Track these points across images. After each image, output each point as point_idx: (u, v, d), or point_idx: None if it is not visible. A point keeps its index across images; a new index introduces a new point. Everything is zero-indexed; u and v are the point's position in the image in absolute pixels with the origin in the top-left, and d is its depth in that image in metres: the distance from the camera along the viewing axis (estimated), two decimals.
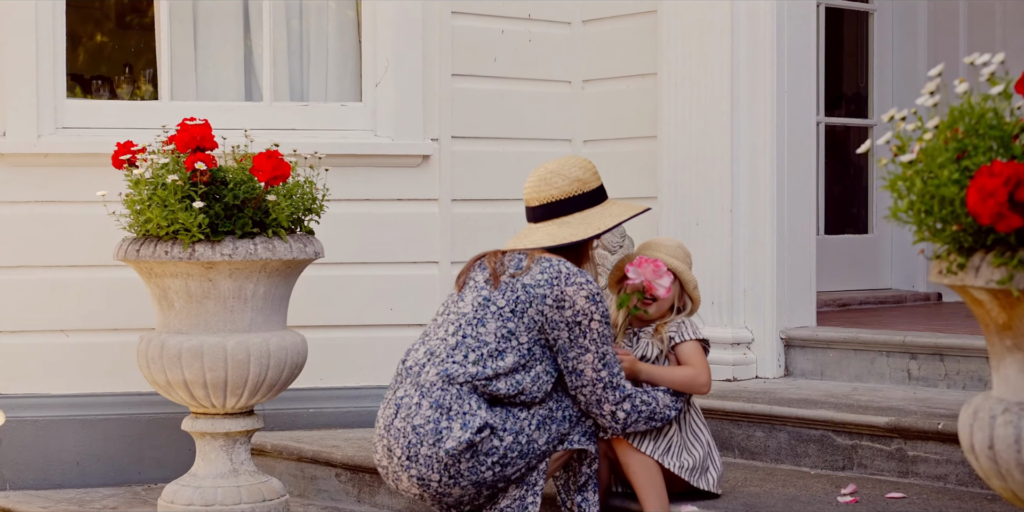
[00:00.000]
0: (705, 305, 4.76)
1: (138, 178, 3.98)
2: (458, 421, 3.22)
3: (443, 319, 3.39)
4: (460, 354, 3.28)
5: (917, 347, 4.40)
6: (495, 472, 3.26)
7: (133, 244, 4.02)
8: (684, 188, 4.83)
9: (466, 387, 3.26)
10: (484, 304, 3.31)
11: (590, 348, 3.31)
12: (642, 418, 3.38)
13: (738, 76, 4.73)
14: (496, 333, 3.28)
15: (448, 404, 3.24)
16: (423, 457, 3.23)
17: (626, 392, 3.35)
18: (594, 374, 3.32)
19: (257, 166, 3.91)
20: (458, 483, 3.24)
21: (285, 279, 4.11)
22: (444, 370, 3.27)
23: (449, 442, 3.20)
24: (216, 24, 5.07)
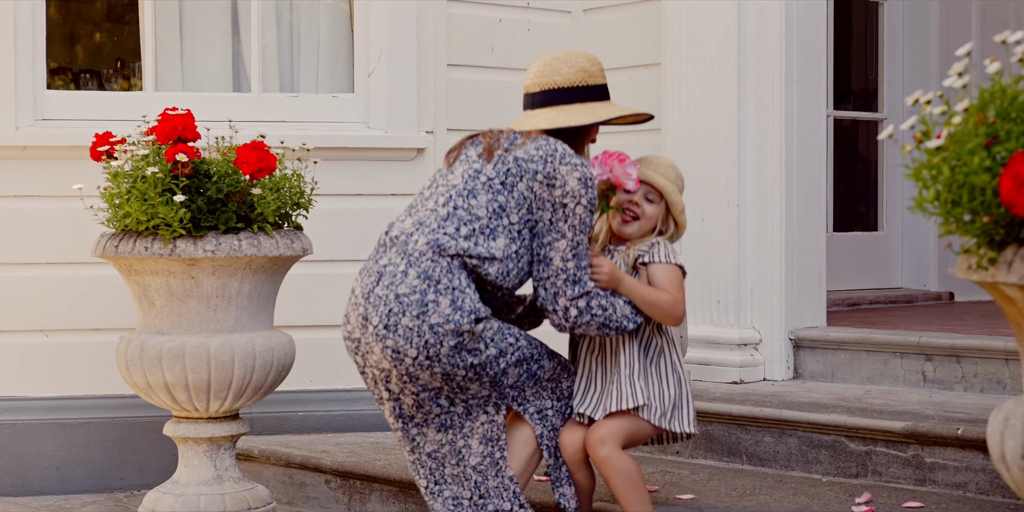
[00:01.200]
0: (711, 304, 4.58)
1: (117, 171, 3.79)
2: (447, 297, 3.04)
3: (431, 192, 3.21)
4: (452, 226, 3.11)
5: (932, 348, 4.21)
6: (467, 374, 3.07)
7: (112, 240, 3.84)
8: (689, 182, 4.61)
9: (456, 261, 3.08)
10: (475, 176, 3.16)
11: (566, 234, 3.13)
12: (595, 321, 3.17)
13: (745, 66, 4.54)
14: (487, 206, 3.11)
15: (437, 276, 3.05)
16: (403, 327, 3.03)
17: (586, 289, 3.15)
18: (561, 263, 3.13)
19: (241, 158, 3.73)
20: (431, 368, 3.04)
21: (271, 277, 3.92)
22: (435, 240, 3.09)
23: (434, 317, 3.02)
24: (203, 11, 4.89)
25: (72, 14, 7.47)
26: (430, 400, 3.10)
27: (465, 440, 3.14)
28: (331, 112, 4.81)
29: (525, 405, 3.20)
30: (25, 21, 4.54)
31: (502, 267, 3.10)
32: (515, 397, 3.18)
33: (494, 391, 3.14)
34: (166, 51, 4.83)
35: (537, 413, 3.22)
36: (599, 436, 3.22)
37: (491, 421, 3.15)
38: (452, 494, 3.16)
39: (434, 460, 3.15)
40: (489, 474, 3.15)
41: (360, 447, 4.41)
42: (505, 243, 3.09)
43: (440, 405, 3.11)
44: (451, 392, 3.10)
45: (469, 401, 3.13)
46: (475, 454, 3.14)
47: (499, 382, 3.13)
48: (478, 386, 3.11)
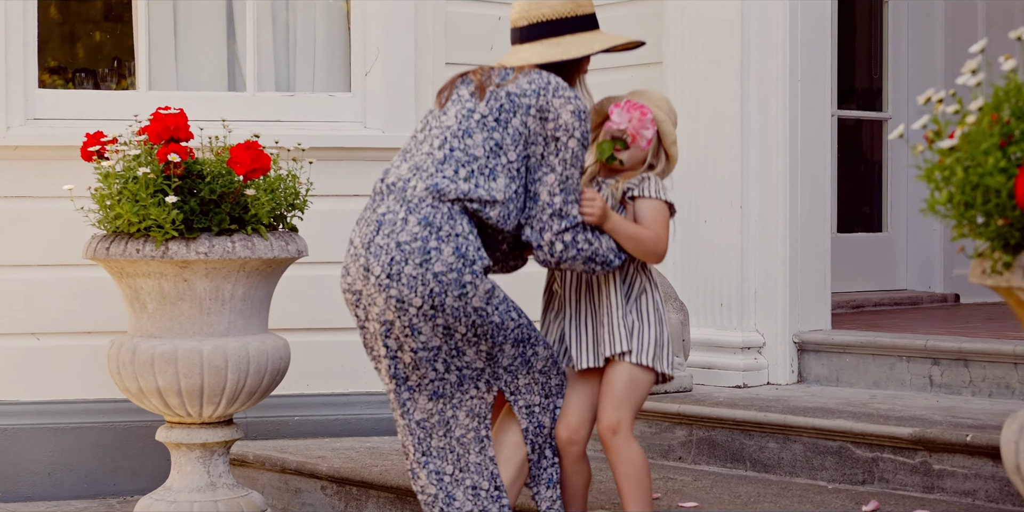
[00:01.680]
0: (713, 306, 4.50)
1: (108, 171, 3.72)
2: (449, 244, 2.95)
3: (425, 135, 3.12)
4: (450, 169, 3.02)
5: (939, 352, 4.13)
6: (467, 334, 2.98)
7: (103, 242, 3.76)
8: (691, 182, 4.56)
9: (457, 206, 2.99)
10: (468, 115, 3.06)
11: (556, 168, 3.04)
12: (581, 256, 3.07)
13: (748, 64, 4.47)
14: (484, 145, 3.02)
15: (439, 223, 2.97)
16: (407, 276, 2.94)
17: (573, 222, 3.05)
18: (548, 198, 3.04)
19: (235, 158, 3.65)
20: (434, 319, 2.95)
21: (266, 279, 3.85)
22: (434, 185, 3.00)
23: (438, 265, 2.93)
24: (198, 10, 4.81)
25: (66, 12, 7.40)
26: (427, 361, 3.01)
27: (454, 411, 3.07)
28: (328, 111, 4.73)
29: (516, 395, 3.12)
30: (16, 20, 4.47)
31: (503, 210, 3.01)
32: (508, 382, 3.10)
33: (488, 366, 3.06)
34: (160, 49, 4.75)
35: (526, 408, 3.14)
36: (611, 423, 3.14)
37: (480, 397, 3.08)
38: (436, 468, 3.08)
39: (423, 429, 3.08)
40: (472, 448, 3.08)
41: (357, 452, 4.33)
42: (505, 183, 3.01)
43: (435, 369, 3.02)
44: (448, 355, 3.01)
45: (463, 370, 3.04)
46: (461, 426, 3.07)
47: (495, 357, 3.05)
48: (474, 353, 3.03)
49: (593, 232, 3.09)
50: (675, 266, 4.59)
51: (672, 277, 4.59)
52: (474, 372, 3.06)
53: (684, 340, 4.33)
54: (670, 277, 4.59)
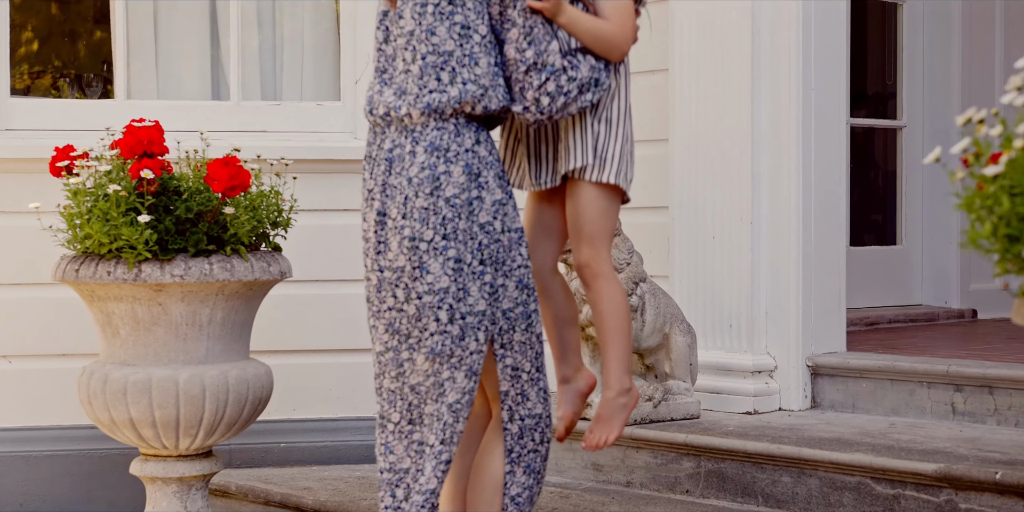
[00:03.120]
0: (722, 328, 4.27)
1: (77, 188, 3.49)
2: (459, 163, 2.78)
3: (393, 47, 2.89)
4: (432, 79, 2.79)
5: (962, 378, 3.90)
6: (473, 260, 2.78)
7: (72, 263, 3.53)
8: (699, 197, 4.33)
9: (461, 118, 2.80)
10: (422, 10, 2.82)
11: (516, 21, 2.81)
12: (570, 99, 2.85)
13: (759, 72, 4.23)
14: (451, 35, 2.79)
15: (446, 144, 2.79)
16: (419, 210, 2.77)
17: (552, 70, 2.82)
18: (517, 55, 2.81)
19: (212, 174, 3.42)
20: (445, 251, 2.76)
21: (247, 302, 3.62)
22: (426, 105, 2.80)
23: (449, 189, 2.76)
24: (180, 13, 4.58)
25: (43, 18, 7.16)
26: (431, 308, 2.79)
27: (452, 372, 2.84)
28: (316, 121, 4.50)
29: (506, 351, 2.88)
30: None
31: (498, 92, 2.81)
32: (503, 330, 2.86)
33: (490, 308, 2.84)
34: (139, 56, 4.52)
35: (512, 369, 2.91)
36: (589, 262, 2.92)
37: (479, 351, 2.85)
38: (419, 439, 2.85)
39: (416, 394, 2.86)
40: (461, 416, 2.84)
41: (346, 483, 4.10)
42: (487, 62, 2.81)
43: (438, 319, 2.80)
44: (454, 298, 2.79)
45: (466, 317, 2.82)
46: (456, 389, 2.83)
47: (497, 295, 2.84)
48: (477, 290, 2.81)
49: (567, 60, 2.85)
50: (681, 284, 4.36)
51: (678, 296, 4.35)
52: (476, 317, 2.83)
53: (692, 364, 4.10)
54: (676, 296, 4.35)
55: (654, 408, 4.00)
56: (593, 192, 2.94)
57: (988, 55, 5.77)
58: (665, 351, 4.08)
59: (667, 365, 4.09)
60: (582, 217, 2.93)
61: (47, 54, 7.18)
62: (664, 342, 4.08)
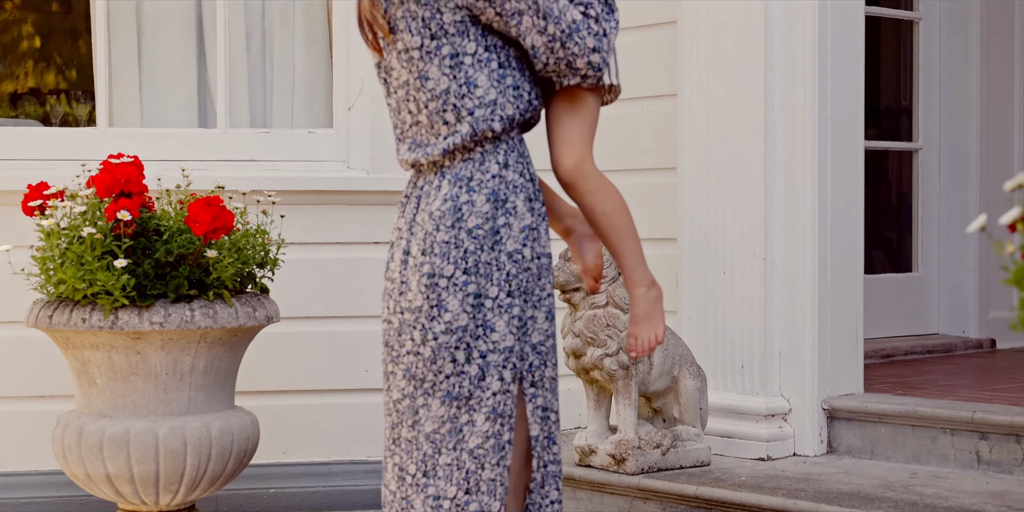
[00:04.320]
0: (734, 369, 4.06)
1: (51, 229, 3.28)
2: (483, 192, 2.55)
3: (396, 100, 2.66)
4: (440, 126, 2.58)
5: (989, 426, 3.69)
6: (499, 293, 2.56)
7: (45, 309, 3.33)
8: (709, 230, 4.12)
9: (487, 144, 2.58)
10: (408, 59, 2.58)
11: (520, 7, 2.54)
12: (613, 35, 2.63)
13: (772, 99, 4.03)
14: (441, 71, 2.56)
15: (468, 173, 2.57)
16: (439, 244, 2.55)
17: (579, 25, 2.57)
18: (544, 39, 2.56)
19: (193, 216, 3.21)
20: (465, 287, 2.54)
21: (231, 349, 3.41)
22: (444, 150, 2.58)
23: (472, 220, 2.55)
24: (165, 37, 4.37)
25: (21, 39, 6.94)
26: (446, 349, 2.58)
27: (470, 415, 2.61)
28: (307, 149, 4.29)
29: (537, 389, 2.65)
30: None
31: (509, 103, 2.58)
32: (534, 367, 2.64)
33: (517, 343, 2.62)
34: (122, 81, 4.31)
35: (542, 410, 2.67)
36: (575, 163, 2.63)
37: (505, 391, 2.61)
38: (437, 492, 2.62)
39: (431, 443, 2.62)
40: (487, 461, 2.61)
41: None
42: (486, 77, 2.57)
43: (455, 361, 2.59)
44: (472, 336, 2.58)
45: (487, 355, 2.60)
46: (477, 433, 2.60)
47: (527, 328, 2.62)
48: (505, 325, 2.59)
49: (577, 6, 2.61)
50: (690, 321, 4.15)
51: (687, 333, 4.15)
52: (500, 355, 2.61)
53: (702, 408, 3.89)
54: (684, 333, 4.15)
55: (662, 455, 3.80)
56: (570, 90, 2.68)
57: (1007, 75, 5.56)
58: (674, 395, 3.88)
59: (676, 409, 3.89)
60: (561, 119, 2.66)
61: (24, 73, 6.96)
62: (673, 385, 3.88)
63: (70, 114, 6.61)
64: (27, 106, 6.72)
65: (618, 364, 3.75)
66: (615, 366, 3.75)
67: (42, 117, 6.59)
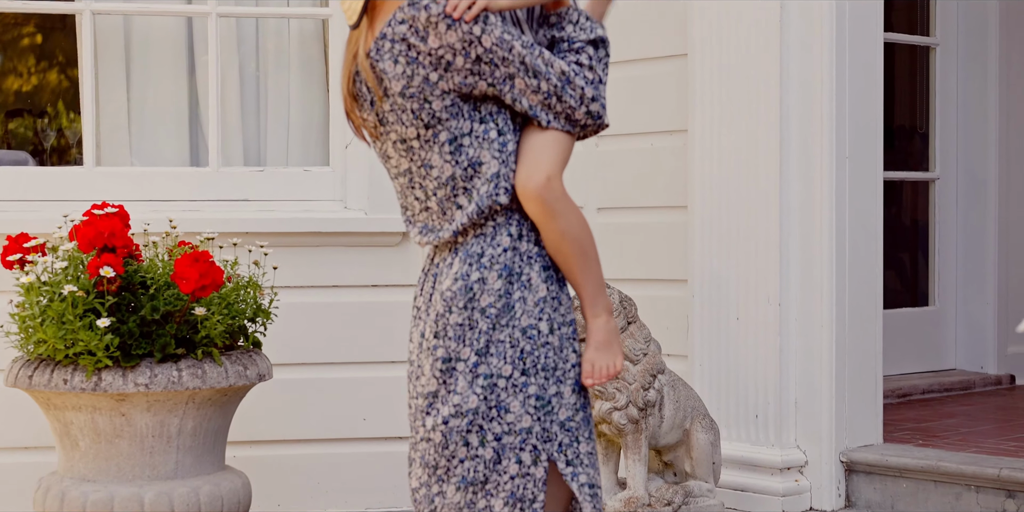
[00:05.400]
0: (747, 419, 3.89)
1: (30, 284, 3.11)
2: (494, 269, 2.43)
3: (400, 184, 2.52)
4: (452, 210, 2.45)
5: (1016, 484, 3.53)
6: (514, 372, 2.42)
7: (25, 368, 3.16)
8: (721, 272, 3.96)
9: (489, 223, 2.44)
10: (406, 148, 2.44)
11: (510, 71, 2.39)
12: (605, 78, 2.49)
13: (788, 134, 3.86)
14: (443, 158, 2.42)
15: (480, 250, 2.44)
16: (452, 327, 2.42)
17: (570, 75, 2.42)
18: (539, 97, 2.41)
19: (180, 273, 3.05)
20: (476, 368, 2.40)
21: (221, 409, 3.25)
22: (456, 230, 2.45)
23: (485, 299, 2.42)
24: (155, 72, 4.20)
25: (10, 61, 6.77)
26: (458, 433, 2.43)
27: (487, 500, 2.45)
28: (303, 189, 4.12)
29: (576, 467, 2.48)
30: None
31: (511, 163, 2.43)
32: (565, 445, 2.47)
33: (537, 423, 2.45)
34: (110, 118, 4.15)
35: (588, 487, 2.50)
36: (543, 177, 2.42)
37: (524, 474, 2.45)
38: None
39: None
40: None
41: None
42: (489, 153, 2.42)
43: (467, 444, 2.44)
44: (485, 418, 2.43)
45: (502, 438, 2.44)
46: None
47: (549, 407, 2.45)
48: (520, 404, 2.43)
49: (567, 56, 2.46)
50: (701, 368, 3.99)
51: (698, 381, 3.98)
52: (517, 437, 2.45)
53: (715, 463, 3.72)
54: (695, 381, 3.99)
55: None
56: None
57: None
58: (685, 448, 3.71)
59: (687, 464, 3.72)
60: (528, 145, 2.47)
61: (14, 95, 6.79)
62: (685, 439, 3.71)
63: (62, 138, 6.45)
64: (17, 129, 6.55)
65: (627, 418, 3.58)
66: (624, 420, 3.58)
67: (32, 142, 6.43)
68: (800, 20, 3.85)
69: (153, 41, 4.19)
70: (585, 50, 2.49)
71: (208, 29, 4.08)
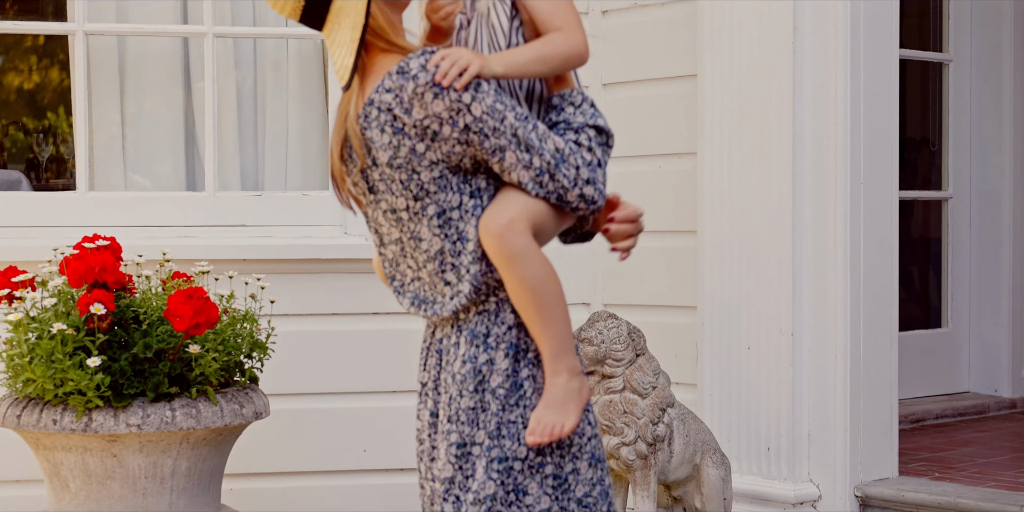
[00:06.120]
0: (759, 452, 3.78)
1: (18, 321, 3.00)
2: (500, 349, 2.34)
3: (392, 252, 2.40)
4: (442, 286, 2.34)
5: None
6: (529, 453, 2.32)
7: (13, 407, 3.06)
8: (732, 300, 3.85)
9: (491, 299, 2.33)
10: (397, 219, 2.32)
11: (501, 144, 2.27)
12: (605, 163, 2.36)
13: (801, 157, 3.76)
14: (431, 231, 2.30)
15: (485, 328, 2.35)
16: (465, 412, 2.32)
17: (565, 155, 2.29)
18: (531, 173, 2.28)
19: (173, 310, 2.94)
20: (489, 451, 2.30)
21: (216, 448, 3.14)
22: (453, 311, 2.34)
23: (495, 379, 2.33)
24: (150, 94, 4.09)
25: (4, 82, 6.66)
26: None
27: None
28: (301, 214, 4.01)
29: None
30: None
31: None
32: None
33: (556, 503, 2.36)
34: (104, 141, 4.04)
35: None
36: (505, 221, 2.28)
37: None
38: None
39: None
40: None
41: None
42: (475, 233, 2.30)
43: None
44: (504, 502, 2.33)
45: None
46: None
47: (566, 485, 2.36)
48: (538, 486, 2.34)
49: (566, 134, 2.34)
50: (711, 398, 3.88)
51: (708, 411, 3.87)
52: None
53: (725, 498, 3.61)
54: (706, 414, 3.88)
55: None
56: None
57: None
58: (696, 484, 3.60)
59: (698, 499, 3.61)
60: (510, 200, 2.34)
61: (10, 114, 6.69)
62: (695, 474, 3.60)
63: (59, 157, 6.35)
64: (13, 146, 6.47)
65: (636, 454, 3.47)
66: (633, 456, 3.47)
67: (28, 160, 6.33)
68: (813, 38, 3.74)
69: (148, 62, 4.08)
70: (585, 131, 2.37)
71: (204, 50, 3.97)
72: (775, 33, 3.76)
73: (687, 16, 4.07)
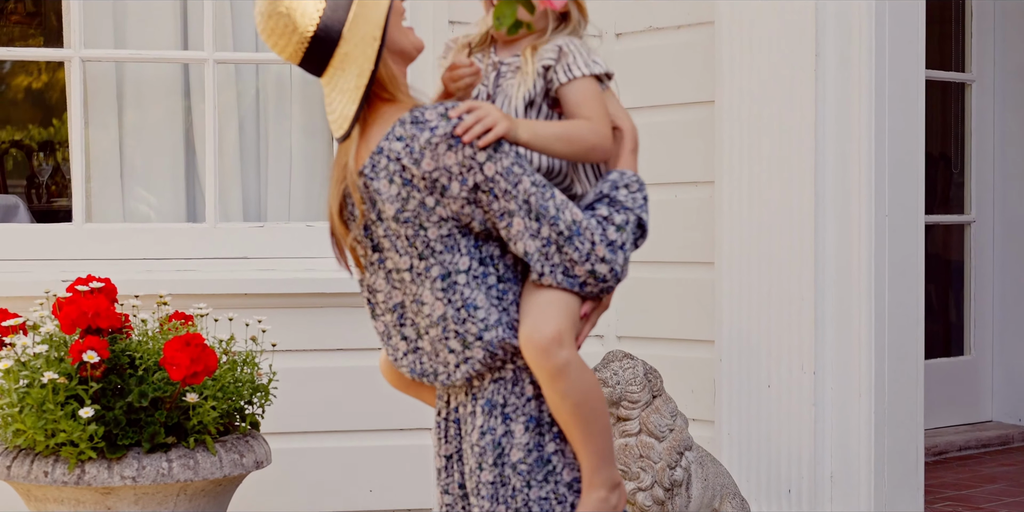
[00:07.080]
0: (779, 493, 3.65)
1: (8, 369, 2.87)
2: (519, 420, 2.22)
3: (384, 323, 2.29)
4: (446, 354, 2.21)
5: None
6: None
7: (3, 458, 2.93)
8: (751, 335, 3.71)
9: (518, 360, 2.20)
10: (398, 280, 2.20)
11: (510, 208, 2.15)
12: (627, 247, 2.21)
13: (823, 186, 3.63)
14: (435, 295, 2.17)
15: (502, 398, 2.23)
16: (485, 486, 2.23)
17: (582, 227, 2.17)
18: (538, 243, 2.16)
19: (170, 358, 2.80)
20: None
21: (215, 500, 3.01)
22: (465, 378, 2.23)
23: (515, 454, 2.23)
24: (149, 123, 3.96)
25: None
26: None
27: None
28: (305, 245, 3.88)
29: None
30: None
31: (512, 311, 2.19)
32: None
33: None
34: (102, 170, 3.91)
35: None
36: (551, 334, 2.16)
37: None
38: None
39: None
40: None
41: None
42: (484, 295, 2.17)
43: None
44: None
45: None
46: None
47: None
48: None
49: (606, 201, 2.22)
50: (730, 438, 3.74)
51: (725, 451, 3.74)
52: None
53: None
54: (724, 453, 3.74)
55: None
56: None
57: None
58: None
59: None
60: (533, 302, 2.23)
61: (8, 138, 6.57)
62: None
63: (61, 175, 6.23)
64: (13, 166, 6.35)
65: (653, 499, 3.34)
66: (649, 501, 3.33)
67: (27, 177, 6.21)
68: (837, 64, 3.61)
69: (147, 89, 3.95)
70: (625, 214, 2.23)
71: (205, 76, 3.84)
72: (797, 57, 3.63)
73: (703, 40, 3.94)
